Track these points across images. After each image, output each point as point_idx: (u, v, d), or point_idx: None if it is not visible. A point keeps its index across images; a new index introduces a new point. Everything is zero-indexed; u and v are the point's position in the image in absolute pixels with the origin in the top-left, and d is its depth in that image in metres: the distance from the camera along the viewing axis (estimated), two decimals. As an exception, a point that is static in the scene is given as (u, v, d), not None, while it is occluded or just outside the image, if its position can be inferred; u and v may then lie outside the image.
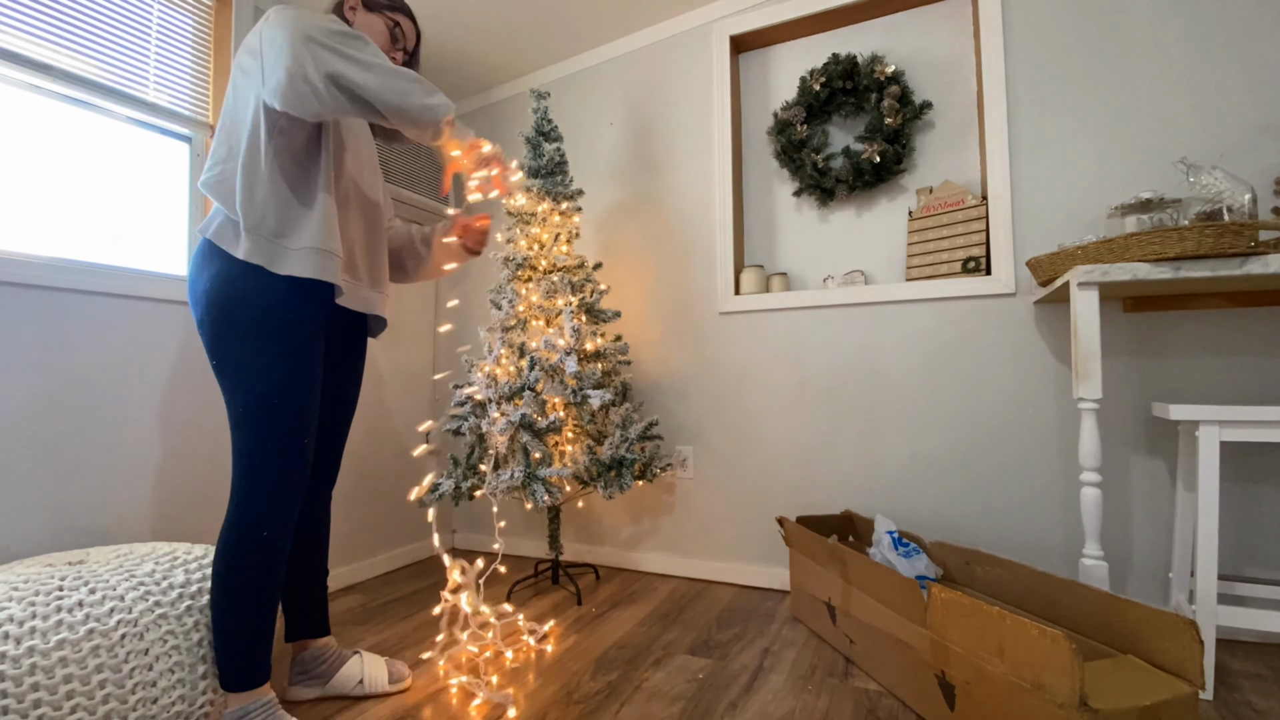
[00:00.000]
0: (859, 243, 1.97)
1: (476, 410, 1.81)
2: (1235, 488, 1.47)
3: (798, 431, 1.94)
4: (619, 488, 1.78)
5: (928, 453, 1.76)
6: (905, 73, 1.91)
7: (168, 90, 1.69)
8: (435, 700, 1.27)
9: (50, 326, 1.39)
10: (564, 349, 1.78)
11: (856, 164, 1.87)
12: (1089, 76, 1.63)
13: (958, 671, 1.06)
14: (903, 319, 1.81)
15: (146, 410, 1.56)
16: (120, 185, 1.61)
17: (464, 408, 1.83)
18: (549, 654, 1.48)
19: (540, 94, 1.98)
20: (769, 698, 1.25)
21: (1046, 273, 1.44)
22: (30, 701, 0.88)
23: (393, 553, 2.26)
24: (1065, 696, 0.87)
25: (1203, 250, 1.17)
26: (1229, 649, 1.41)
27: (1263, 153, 1.47)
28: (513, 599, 1.88)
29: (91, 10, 1.53)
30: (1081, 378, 1.27)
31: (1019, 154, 1.69)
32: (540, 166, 1.96)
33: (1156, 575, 1.52)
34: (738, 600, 1.84)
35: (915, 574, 1.41)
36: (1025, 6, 1.70)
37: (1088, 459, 1.29)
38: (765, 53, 2.15)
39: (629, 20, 2.19)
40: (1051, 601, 1.20)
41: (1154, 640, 1.00)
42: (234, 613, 1.06)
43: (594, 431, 1.92)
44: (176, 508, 1.61)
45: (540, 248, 1.95)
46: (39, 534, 1.35)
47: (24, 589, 0.98)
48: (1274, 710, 1.15)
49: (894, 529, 1.51)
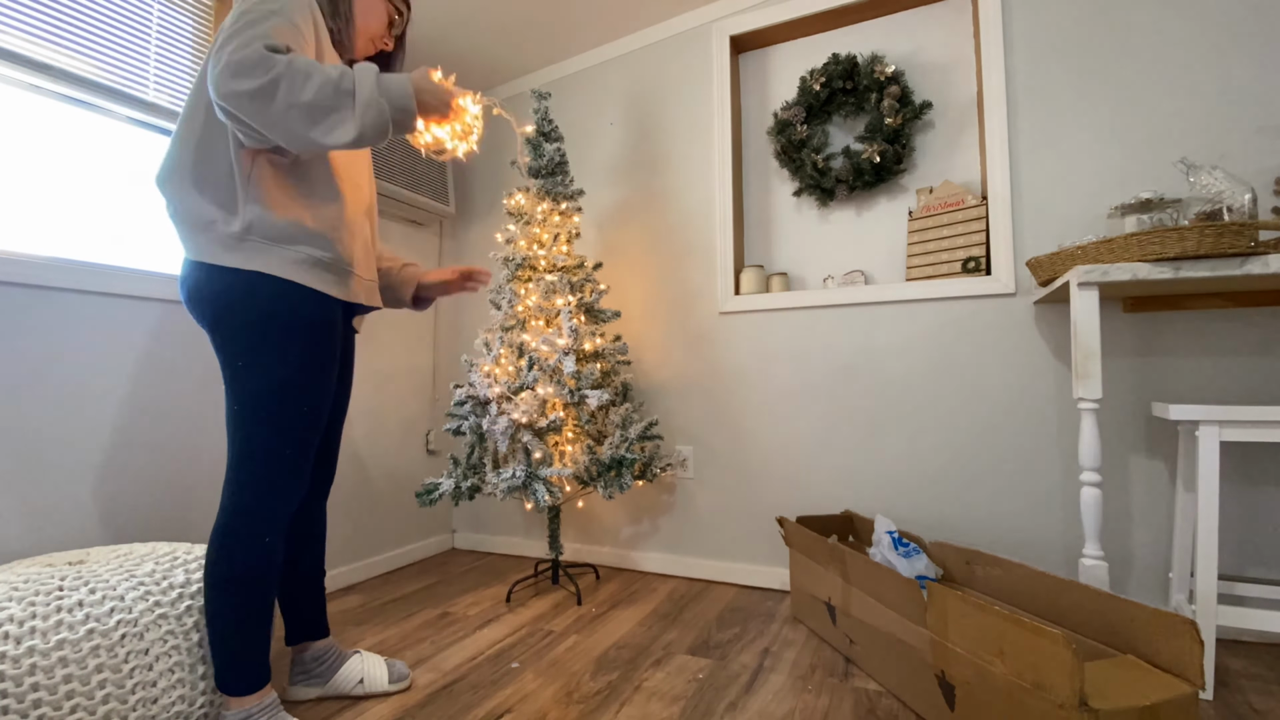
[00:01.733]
0: (859, 243, 1.97)
1: (477, 410, 1.81)
2: (1235, 488, 1.47)
3: (798, 431, 1.94)
4: (619, 488, 1.78)
5: (928, 453, 1.76)
6: (905, 73, 1.91)
7: (168, 90, 1.69)
8: (435, 700, 1.27)
9: (49, 326, 1.39)
10: (562, 349, 1.78)
11: (856, 164, 1.87)
12: (1089, 76, 1.63)
13: (958, 671, 1.06)
14: (903, 319, 1.81)
15: (146, 410, 1.55)
16: (120, 185, 1.61)
17: (464, 407, 1.83)
18: (549, 654, 1.48)
19: (541, 94, 1.98)
20: (769, 698, 1.25)
21: (1046, 273, 1.44)
22: (30, 701, 0.88)
23: (393, 553, 2.26)
24: (1065, 696, 0.87)
25: (1203, 250, 1.17)
26: (1229, 649, 1.41)
27: (1263, 153, 1.47)
28: (512, 599, 1.89)
29: (91, 10, 1.53)
30: (1081, 378, 1.27)
31: (1019, 154, 1.69)
32: (541, 167, 1.96)
33: (1156, 575, 1.52)
34: (738, 600, 1.84)
35: (915, 574, 1.41)
36: (1025, 6, 1.70)
37: (1087, 459, 1.29)
38: (765, 53, 2.15)
39: (628, 20, 2.19)
40: (1051, 601, 1.20)
41: (1154, 640, 1.00)
42: (231, 616, 1.05)
43: (594, 431, 1.92)
44: (176, 508, 1.61)
45: (540, 248, 1.95)
46: (36, 534, 1.35)
47: (24, 589, 0.98)
48: (1274, 710, 1.15)
49: (894, 529, 1.51)
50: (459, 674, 1.38)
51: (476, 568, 2.25)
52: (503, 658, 1.46)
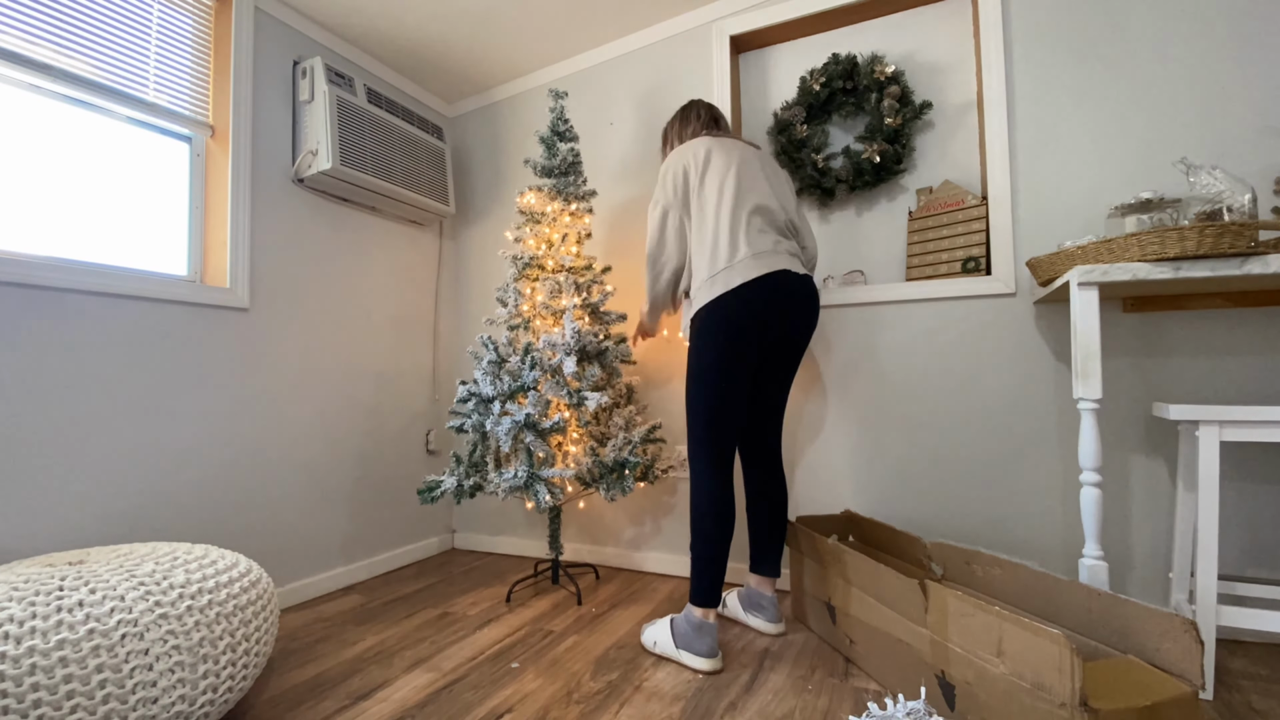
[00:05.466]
0: (859, 243, 1.97)
1: (479, 408, 1.81)
2: (1235, 488, 1.47)
3: (798, 431, 1.94)
4: (621, 490, 1.78)
5: (928, 453, 1.76)
6: (905, 73, 1.91)
7: (168, 90, 1.69)
8: (436, 700, 1.27)
9: (50, 326, 1.39)
10: (564, 349, 1.78)
11: (856, 164, 1.87)
12: (1089, 77, 1.63)
13: (958, 671, 1.06)
14: (903, 319, 1.81)
15: (146, 410, 1.56)
16: (120, 185, 1.61)
17: (467, 405, 1.83)
18: (549, 654, 1.48)
19: (559, 93, 1.99)
20: (769, 698, 1.25)
21: (1046, 273, 1.44)
22: (30, 701, 0.88)
23: (393, 552, 2.26)
24: (1065, 696, 0.87)
25: (1203, 250, 1.17)
26: (1229, 649, 1.41)
27: (1263, 153, 1.47)
28: (512, 599, 1.89)
29: (91, 10, 1.53)
30: (1081, 378, 1.27)
31: (1019, 154, 1.69)
32: (554, 166, 1.96)
33: (1156, 575, 1.52)
34: (738, 600, 1.83)
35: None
36: (1025, 6, 1.70)
37: (1088, 459, 1.29)
38: (765, 53, 2.15)
39: (628, 20, 2.19)
40: (1051, 601, 1.20)
41: (1154, 640, 1.00)
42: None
43: (597, 433, 1.92)
44: (177, 508, 1.61)
45: (549, 247, 1.95)
46: (37, 533, 1.35)
47: (24, 589, 0.98)
48: (1274, 710, 1.15)
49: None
50: (459, 674, 1.38)
51: (476, 568, 2.25)
52: (503, 657, 1.46)
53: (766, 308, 1.40)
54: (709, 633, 1.39)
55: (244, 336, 1.80)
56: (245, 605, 1.17)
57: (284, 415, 1.90)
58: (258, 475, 1.81)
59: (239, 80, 1.81)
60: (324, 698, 1.29)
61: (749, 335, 1.40)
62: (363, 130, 2.01)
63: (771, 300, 1.41)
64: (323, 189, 2.04)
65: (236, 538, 1.75)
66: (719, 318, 1.40)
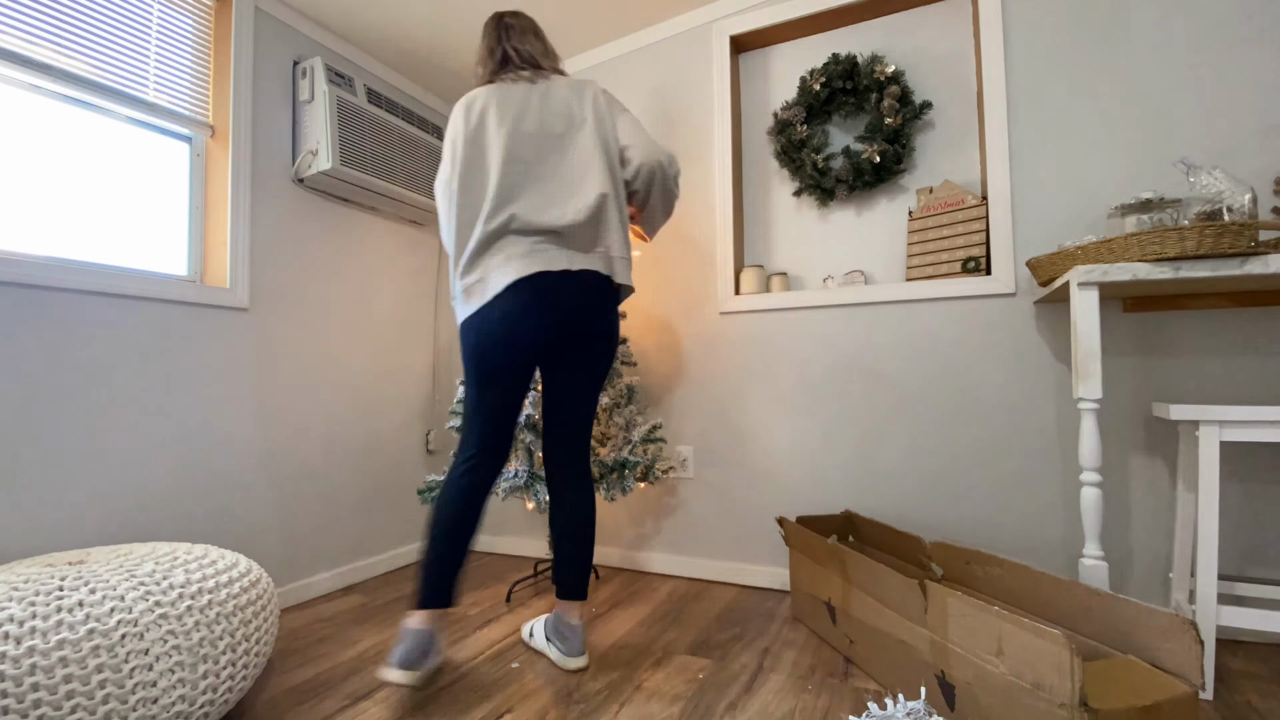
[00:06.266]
0: (859, 243, 1.97)
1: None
2: (1235, 488, 1.47)
3: (798, 431, 1.94)
4: (622, 490, 1.78)
5: (928, 453, 1.76)
6: (905, 73, 1.91)
7: (168, 90, 1.69)
8: (436, 699, 1.27)
9: (50, 326, 1.39)
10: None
11: (856, 164, 1.87)
12: (1089, 76, 1.63)
13: (958, 671, 1.06)
14: (903, 319, 1.81)
15: (146, 410, 1.56)
16: (120, 185, 1.61)
17: (464, 408, 1.83)
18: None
19: None
20: (769, 698, 1.25)
21: (1046, 273, 1.44)
22: (30, 701, 0.88)
23: (393, 552, 2.26)
24: (1065, 696, 0.87)
25: (1203, 250, 1.17)
26: (1229, 649, 1.41)
27: (1263, 153, 1.47)
28: (512, 599, 1.88)
29: (91, 10, 1.53)
30: (1081, 378, 1.27)
31: (1019, 154, 1.69)
32: None
33: (1156, 575, 1.52)
34: (738, 600, 1.84)
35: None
36: (1025, 6, 1.70)
37: (1088, 459, 1.29)
38: (765, 53, 2.15)
39: (628, 20, 2.19)
40: (1051, 601, 1.20)
41: (1154, 640, 1.00)
42: None
43: (597, 433, 1.92)
44: (177, 508, 1.61)
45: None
46: (38, 534, 1.35)
47: (24, 589, 0.98)
48: (1274, 710, 1.15)
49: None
50: (459, 673, 1.38)
51: (476, 568, 2.25)
52: (503, 657, 1.46)
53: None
54: (412, 639, 1.24)
55: (244, 336, 1.80)
56: (245, 605, 1.17)
57: (284, 415, 1.90)
58: (258, 475, 1.81)
59: (239, 80, 1.81)
60: (324, 698, 1.29)
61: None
62: (363, 130, 2.01)
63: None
64: (323, 189, 2.04)
65: (236, 538, 1.75)
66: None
